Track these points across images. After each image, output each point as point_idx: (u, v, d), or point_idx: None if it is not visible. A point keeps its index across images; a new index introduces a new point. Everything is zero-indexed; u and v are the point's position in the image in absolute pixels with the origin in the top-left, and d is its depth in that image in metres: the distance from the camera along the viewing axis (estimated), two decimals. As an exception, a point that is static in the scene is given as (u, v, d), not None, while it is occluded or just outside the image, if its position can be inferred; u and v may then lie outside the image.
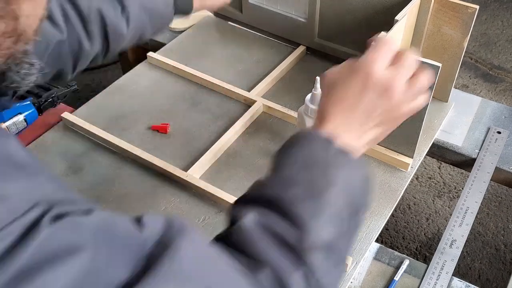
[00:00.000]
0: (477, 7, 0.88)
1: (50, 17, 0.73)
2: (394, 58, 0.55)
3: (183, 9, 0.91)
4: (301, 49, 1.14)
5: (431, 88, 0.68)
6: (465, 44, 0.92)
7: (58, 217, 0.37)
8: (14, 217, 0.35)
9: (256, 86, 1.05)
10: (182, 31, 1.24)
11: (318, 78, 0.76)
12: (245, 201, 0.52)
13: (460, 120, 1.02)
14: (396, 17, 0.84)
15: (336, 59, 1.13)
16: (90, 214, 0.39)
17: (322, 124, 0.55)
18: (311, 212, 0.48)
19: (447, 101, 1.03)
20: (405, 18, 0.86)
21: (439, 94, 1.02)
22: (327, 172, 0.51)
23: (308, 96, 0.81)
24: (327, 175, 0.51)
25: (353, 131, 0.55)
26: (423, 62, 0.76)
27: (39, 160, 0.43)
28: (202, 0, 0.95)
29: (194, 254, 0.41)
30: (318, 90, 0.78)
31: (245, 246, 0.47)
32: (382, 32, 0.70)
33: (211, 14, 1.29)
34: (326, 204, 0.49)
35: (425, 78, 0.56)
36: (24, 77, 0.50)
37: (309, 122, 0.80)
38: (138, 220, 0.42)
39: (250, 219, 0.48)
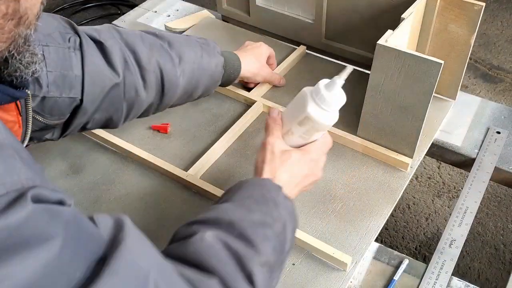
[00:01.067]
0: (483, 4, 0.88)
1: (109, 61, 0.75)
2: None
3: (230, 73, 0.94)
4: (301, 49, 1.14)
5: None
6: (472, 42, 0.92)
7: (37, 201, 0.37)
8: None
9: (256, 87, 1.05)
10: (182, 31, 1.24)
11: (349, 66, 0.67)
12: (202, 221, 0.59)
13: (459, 120, 1.02)
14: (403, 16, 0.85)
15: (336, 58, 1.13)
16: (63, 205, 0.39)
17: (273, 177, 0.67)
18: (263, 238, 0.58)
19: (455, 99, 1.03)
20: (412, 17, 0.86)
21: (447, 92, 1.02)
22: (278, 209, 0.62)
23: (325, 81, 0.68)
24: (278, 211, 0.62)
25: (290, 189, 0.69)
26: (426, 59, 0.77)
27: (18, 141, 0.43)
28: (254, 74, 0.99)
29: (139, 255, 0.43)
30: (342, 79, 0.67)
31: (202, 256, 0.53)
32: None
33: (211, 14, 1.29)
34: (274, 234, 0.60)
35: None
36: (27, 65, 0.52)
37: (311, 107, 0.68)
38: (92, 219, 0.43)
39: (211, 234, 0.55)
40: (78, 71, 0.71)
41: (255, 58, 0.99)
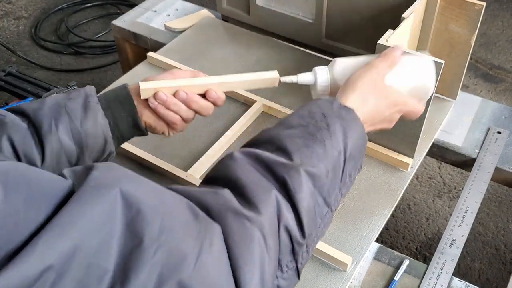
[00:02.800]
0: (484, 3, 0.88)
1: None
2: None
3: (130, 134, 0.71)
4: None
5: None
6: (473, 41, 0.92)
7: None
8: None
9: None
10: (182, 31, 1.24)
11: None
12: (248, 144, 0.56)
13: (460, 120, 1.02)
14: (403, 15, 0.84)
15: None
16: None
17: (343, 99, 0.61)
18: (302, 146, 0.52)
19: (455, 99, 1.03)
20: (412, 16, 0.86)
21: (448, 91, 1.02)
22: (325, 119, 0.56)
23: (325, 69, 0.72)
24: (324, 121, 0.55)
25: (365, 119, 0.61)
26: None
27: None
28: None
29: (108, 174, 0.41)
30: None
31: (229, 170, 0.49)
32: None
33: (210, 14, 1.29)
34: (319, 142, 0.53)
35: None
36: None
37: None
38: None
39: (241, 150, 0.52)
40: None
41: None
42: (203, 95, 0.70)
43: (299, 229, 0.49)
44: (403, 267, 0.77)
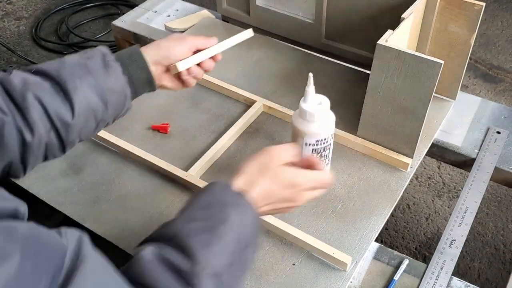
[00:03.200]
0: (483, 4, 0.88)
1: None
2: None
3: (143, 89, 0.77)
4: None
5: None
6: (472, 42, 0.92)
7: None
8: None
9: (257, 85, 1.05)
10: (182, 32, 1.24)
11: (311, 74, 0.74)
12: (149, 240, 0.56)
13: (459, 120, 1.02)
14: (403, 16, 0.85)
15: (336, 58, 1.13)
16: (18, 216, 0.39)
17: (236, 182, 0.62)
18: (204, 244, 0.54)
19: (455, 99, 1.03)
20: (412, 17, 0.86)
21: (447, 91, 1.02)
22: (223, 210, 0.57)
23: (302, 98, 0.77)
24: (222, 212, 0.57)
25: (259, 202, 0.63)
26: (426, 59, 0.77)
27: None
28: (160, 79, 0.79)
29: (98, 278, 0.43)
30: (310, 87, 0.75)
31: (142, 275, 0.51)
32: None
33: (211, 14, 1.29)
34: (218, 237, 0.55)
35: (326, 183, 0.68)
36: None
37: (302, 125, 0.77)
38: (58, 232, 0.43)
39: (148, 251, 0.53)
40: None
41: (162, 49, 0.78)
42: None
43: None
44: (403, 266, 0.77)
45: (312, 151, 0.79)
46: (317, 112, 0.76)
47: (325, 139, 0.79)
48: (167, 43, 0.78)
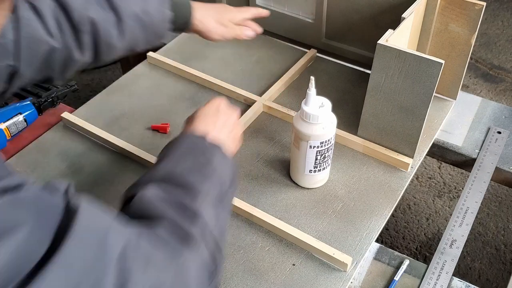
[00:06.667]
0: (484, 3, 0.88)
1: (44, 23, 0.70)
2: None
3: (180, 27, 0.87)
4: (311, 52, 1.13)
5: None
6: (473, 41, 0.92)
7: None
8: None
9: (256, 85, 1.05)
10: (182, 31, 1.24)
11: (312, 77, 0.75)
12: (138, 184, 0.59)
13: (460, 120, 1.02)
14: (403, 15, 0.84)
15: (336, 58, 1.13)
16: (22, 189, 0.40)
17: (193, 128, 0.69)
18: (199, 180, 0.59)
19: (455, 99, 1.03)
20: (412, 16, 0.86)
21: (448, 91, 1.02)
22: (205, 153, 0.63)
23: (304, 101, 0.78)
24: (206, 155, 0.63)
25: (212, 130, 0.69)
26: (426, 59, 0.77)
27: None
28: (204, 24, 0.88)
29: (94, 222, 0.44)
30: (312, 90, 0.76)
31: (146, 211, 0.54)
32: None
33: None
34: (205, 176, 0.61)
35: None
36: None
37: (306, 128, 0.78)
38: (48, 185, 0.45)
39: (150, 190, 0.56)
40: (12, 35, 0.67)
41: (214, 12, 0.90)
42: None
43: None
44: (403, 267, 0.77)
45: (316, 153, 0.79)
46: (321, 115, 0.76)
47: (328, 140, 0.79)
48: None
